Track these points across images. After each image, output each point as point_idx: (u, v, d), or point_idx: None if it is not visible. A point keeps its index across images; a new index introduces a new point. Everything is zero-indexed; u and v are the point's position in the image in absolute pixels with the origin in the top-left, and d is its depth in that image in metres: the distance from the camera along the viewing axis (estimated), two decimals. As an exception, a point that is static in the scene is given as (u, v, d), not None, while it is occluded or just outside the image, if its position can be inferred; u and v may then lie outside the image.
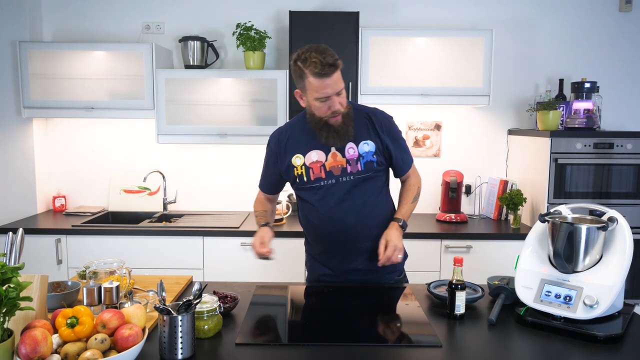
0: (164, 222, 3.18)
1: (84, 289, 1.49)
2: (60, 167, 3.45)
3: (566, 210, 1.69)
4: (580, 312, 1.46)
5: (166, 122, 3.09)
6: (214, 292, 1.63)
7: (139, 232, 2.88)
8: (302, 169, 1.86)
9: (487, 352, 1.38)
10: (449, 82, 3.05)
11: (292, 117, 3.03)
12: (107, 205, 3.45)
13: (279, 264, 2.89)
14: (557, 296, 1.52)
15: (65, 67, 3.07)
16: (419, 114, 3.41)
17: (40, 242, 2.87)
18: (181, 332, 1.27)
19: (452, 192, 3.20)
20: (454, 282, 1.57)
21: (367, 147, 1.86)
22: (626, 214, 1.70)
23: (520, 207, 3.04)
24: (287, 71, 3.03)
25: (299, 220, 2.03)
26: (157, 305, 1.29)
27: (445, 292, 1.64)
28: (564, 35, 3.37)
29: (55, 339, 1.22)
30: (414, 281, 2.05)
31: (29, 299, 1.22)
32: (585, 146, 2.87)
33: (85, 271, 1.59)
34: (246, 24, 3.20)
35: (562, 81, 3.25)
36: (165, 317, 1.27)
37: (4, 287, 1.17)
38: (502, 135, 3.45)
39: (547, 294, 1.54)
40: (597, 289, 1.48)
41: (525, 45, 3.38)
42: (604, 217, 1.58)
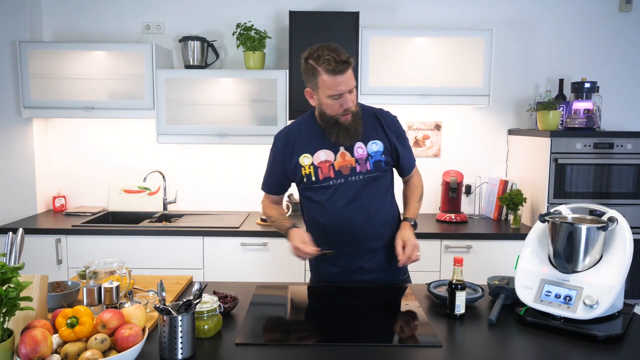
0: (164, 222, 3.18)
1: (84, 289, 1.49)
2: (60, 167, 3.45)
3: (566, 210, 1.69)
4: (580, 312, 1.46)
5: (166, 122, 3.09)
6: (214, 292, 1.63)
7: (139, 232, 2.88)
8: (310, 168, 1.86)
9: (487, 352, 1.38)
10: (449, 82, 3.05)
11: (292, 117, 3.05)
12: (107, 205, 3.45)
13: (279, 264, 2.89)
14: (557, 296, 1.52)
15: (65, 67, 3.07)
16: (419, 114, 3.41)
17: (40, 242, 2.87)
18: (181, 332, 1.27)
19: (452, 192, 3.20)
20: (454, 282, 1.57)
21: (376, 146, 1.87)
22: (626, 214, 1.70)
23: (520, 207, 3.04)
24: (287, 71, 3.03)
25: (303, 220, 2.02)
26: (157, 305, 1.29)
27: (445, 292, 1.64)
28: (564, 35, 3.37)
29: (55, 339, 1.22)
30: (414, 281, 2.06)
31: (29, 299, 1.22)
32: (585, 146, 2.87)
33: (85, 271, 1.59)
34: (246, 24, 3.20)
35: (562, 81, 3.25)
36: (165, 317, 1.27)
37: (4, 287, 1.17)
38: (502, 135, 3.45)
39: (547, 294, 1.54)
40: (597, 289, 1.48)
41: (525, 45, 3.38)
42: (604, 217, 1.58)
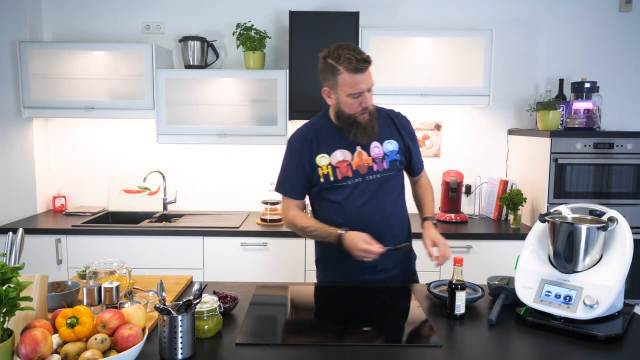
0: (164, 222, 3.18)
1: (84, 289, 1.49)
2: (60, 167, 3.45)
3: (566, 210, 1.69)
4: (580, 312, 1.46)
5: (166, 122, 3.09)
6: (214, 292, 1.63)
7: (139, 232, 2.88)
8: (328, 168, 1.86)
9: (487, 352, 1.38)
10: (449, 82, 3.05)
11: (292, 117, 3.05)
12: (107, 205, 3.45)
13: (279, 264, 2.89)
14: (557, 296, 1.52)
15: (65, 67, 3.07)
16: (419, 114, 3.41)
17: (40, 242, 2.86)
18: (181, 332, 1.27)
19: (452, 192, 3.20)
20: (454, 282, 1.57)
21: (391, 146, 1.90)
22: (626, 214, 1.70)
23: (520, 207, 3.04)
24: (287, 71, 3.03)
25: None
26: (157, 305, 1.29)
27: (445, 292, 1.65)
28: (564, 35, 3.37)
29: (55, 339, 1.22)
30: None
31: (29, 299, 1.22)
32: (585, 146, 2.87)
33: (85, 271, 1.59)
34: (246, 24, 3.20)
35: (562, 81, 3.25)
36: (165, 317, 1.27)
37: (4, 287, 1.17)
38: (502, 135, 3.45)
39: (547, 294, 1.54)
40: (597, 289, 1.48)
41: (525, 45, 3.38)
42: (604, 217, 1.58)
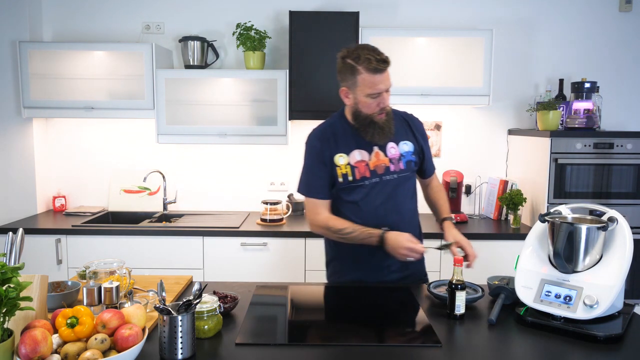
0: (164, 222, 3.18)
1: (84, 289, 1.49)
2: (60, 167, 3.45)
3: (566, 210, 1.69)
4: (580, 312, 1.46)
5: (166, 122, 3.09)
6: (214, 292, 1.63)
7: (139, 232, 2.88)
8: (347, 168, 1.87)
9: (487, 352, 1.38)
10: (449, 82, 3.05)
11: (291, 117, 3.05)
12: (107, 205, 3.45)
13: (279, 264, 2.89)
14: (557, 296, 1.52)
15: (65, 67, 3.07)
16: (419, 113, 3.36)
17: (40, 242, 2.86)
18: (181, 332, 1.27)
19: (452, 192, 3.20)
20: (454, 282, 1.57)
21: (407, 147, 1.92)
22: (626, 214, 1.70)
23: (520, 207, 3.04)
24: (287, 71, 3.03)
25: None
26: (157, 305, 1.29)
27: (445, 292, 1.64)
28: (564, 35, 3.37)
29: (55, 339, 1.22)
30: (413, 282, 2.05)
31: (29, 299, 1.22)
32: (585, 146, 2.87)
33: (85, 271, 1.59)
34: (246, 24, 3.20)
35: (562, 81, 3.25)
36: (165, 317, 1.27)
37: (4, 287, 1.17)
38: (502, 135, 3.45)
39: (547, 294, 1.54)
40: (597, 289, 1.48)
41: (525, 45, 3.38)
42: (604, 217, 1.58)
